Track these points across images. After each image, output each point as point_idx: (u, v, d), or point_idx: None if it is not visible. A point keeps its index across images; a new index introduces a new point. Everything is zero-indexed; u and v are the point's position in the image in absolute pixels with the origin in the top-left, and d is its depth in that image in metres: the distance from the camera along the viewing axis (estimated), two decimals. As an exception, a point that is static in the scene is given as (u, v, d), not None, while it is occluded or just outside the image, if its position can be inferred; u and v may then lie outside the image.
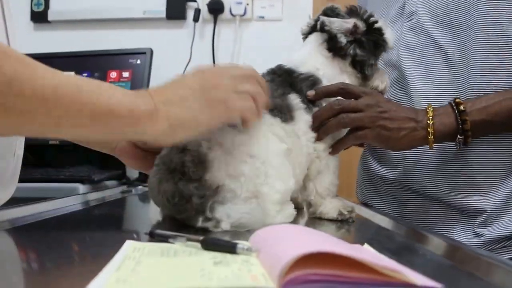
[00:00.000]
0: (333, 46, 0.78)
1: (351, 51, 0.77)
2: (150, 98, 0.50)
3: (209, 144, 0.60)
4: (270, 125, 0.67)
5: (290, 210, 0.67)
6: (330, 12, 0.80)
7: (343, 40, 0.77)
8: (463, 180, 0.83)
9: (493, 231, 0.81)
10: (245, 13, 1.84)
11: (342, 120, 0.74)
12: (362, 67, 0.79)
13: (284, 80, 0.75)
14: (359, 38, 0.78)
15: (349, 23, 0.77)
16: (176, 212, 0.60)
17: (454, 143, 0.77)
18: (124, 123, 0.48)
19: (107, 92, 0.47)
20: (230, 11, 1.84)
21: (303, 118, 0.73)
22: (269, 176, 0.62)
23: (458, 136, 0.75)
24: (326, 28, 0.77)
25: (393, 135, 0.74)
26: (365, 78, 0.81)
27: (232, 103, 0.56)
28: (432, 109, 0.76)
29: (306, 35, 0.84)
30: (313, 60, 0.78)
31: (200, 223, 0.58)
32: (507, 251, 0.81)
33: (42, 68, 0.44)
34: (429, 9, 0.87)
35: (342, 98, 0.75)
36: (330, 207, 0.74)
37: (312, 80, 0.76)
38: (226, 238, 0.56)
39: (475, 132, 0.76)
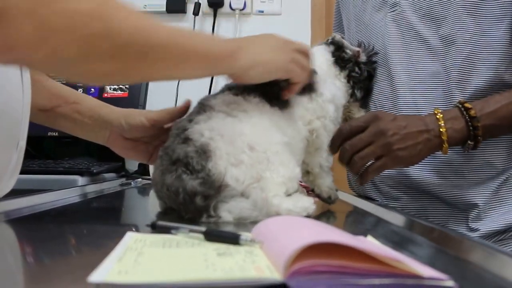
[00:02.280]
0: (338, 56, 0.85)
1: (350, 66, 0.85)
2: (234, 42, 0.66)
3: (211, 134, 0.61)
4: (272, 115, 0.69)
5: (306, 203, 0.65)
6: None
7: (348, 52, 0.85)
8: (453, 173, 0.84)
9: (486, 226, 0.82)
10: (244, 7, 1.83)
11: (356, 165, 0.74)
12: (354, 84, 0.86)
13: None
14: (358, 62, 0.87)
15: (355, 48, 0.87)
16: (181, 210, 0.61)
17: (462, 147, 0.77)
18: (218, 59, 0.60)
19: (205, 38, 0.62)
20: (230, 5, 1.83)
21: (297, 101, 0.74)
22: (271, 163, 0.63)
23: (469, 142, 0.75)
24: (336, 38, 0.86)
25: (412, 153, 0.74)
26: (352, 96, 0.87)
27: (298, 63, 0.67)
28: (441, 115, 0.75)
29: None
30: (314, 58, 0.81)
31: (203, 219, 0.60)
32: (503, 245, 0.82)
33: (154, 20, 0.53)
34: (411, 0, 0.88)
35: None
36: (324, 186, 0.79)
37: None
38: (229, 229, 0.56)
39: (484, 137, 0.75)
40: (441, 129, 0.74)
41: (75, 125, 0.75)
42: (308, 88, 0.76)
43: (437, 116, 0.75)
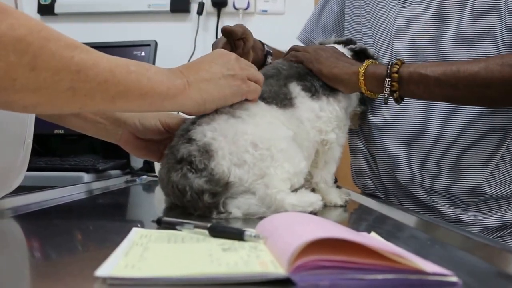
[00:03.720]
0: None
1: None
2: (182, 76, 0.60)
3: (214, 135, 0.62)
4: (268, 111, 0.69)
5: (312, 198, 0.66)
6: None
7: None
8: (444, 173, 0.86)
9: (484, 221, 0.83)
10: (248, 6, 1.84)
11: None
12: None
13: (297, 70, 0.78)
14: None
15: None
16: (189, 207, 0.62)
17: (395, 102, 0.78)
18: (163, 98, 0.57)
19: (148, 72, 0.56)
20: (234, 4, 1.84)
21: (307, 105, 0.74)
22: (276, 160, 0.63)
23: (386, 79, 0.75)
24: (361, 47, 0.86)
25: (330, 62, 0.79)
26: (361, 102, 0.88)
27: (250, 83, 0.66)
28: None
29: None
30: None
31: (214, 215, 0.61)
32: (502, 241, 0.83)
33: (98, 54, 0.51)
34: None
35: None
36: (336, 196, 0.79)
37: None
38: (237, 225, 0.57)
39: (407, 82, 0.75)
40: (363, 65, 0.78)
41: (86, 124, 0.75)
42: (328, 91, 0.77)
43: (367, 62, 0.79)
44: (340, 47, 0.86)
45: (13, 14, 0.45)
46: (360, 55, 0.85)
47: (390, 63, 0.76)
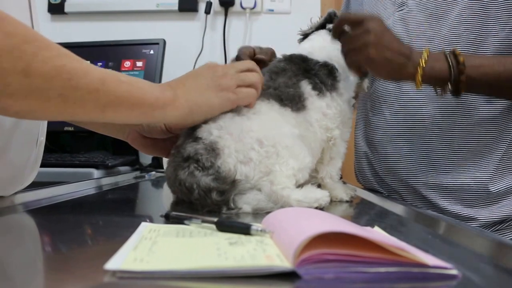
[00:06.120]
0: None
1: None
2: (170, 88, 0.61)
3: (220, 133, 0.63)
4: (281, 114, 0.69)
5: (318, 194, 0.67)
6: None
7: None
8: (442, 169, 0.86)
9: (484, 216, 0.83)
10: (255, 6, 1.85)
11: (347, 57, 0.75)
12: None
13: (299, 67, 0.76)
14: None
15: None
16: (197, 205, 0.62)
17: (440, 89, 0.76)
18: (153, 108, 0.58)
19: (138, 84, 0.57)
20: (241, 4, 1.85)
21: (315, 105, 0.74)
22: (281, 156, 0.64)
23: (449, 85, 0.74)
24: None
25: (381, 64, 0.73)
26: (365, 76, 0.85)
27: (239, 90, 0.65)
28: (427, 53, 0.74)
29: (306, 35, 0.88)
30: (327, 50, 0.81)
31: (224, 211, 0.61)
32: (500, 235, 0.84)
33: (89, 64, 0.52)
34: (419, 0, 0.89)
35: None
36: (341, 191, 0.79)
37: (329, 68, 0.78)
38: (247, 220, 0.57)
39: (464, 86, 0.74)
40: (420, 63, 0.73)
41: (93, 123, 0.77)
42: (330, 87, 0.76)
43: (424, 53, 0.74)
44: (323, 33, 0.84)
45: (9, 21, 0.47)
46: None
47: (452, 65, 0.73)
